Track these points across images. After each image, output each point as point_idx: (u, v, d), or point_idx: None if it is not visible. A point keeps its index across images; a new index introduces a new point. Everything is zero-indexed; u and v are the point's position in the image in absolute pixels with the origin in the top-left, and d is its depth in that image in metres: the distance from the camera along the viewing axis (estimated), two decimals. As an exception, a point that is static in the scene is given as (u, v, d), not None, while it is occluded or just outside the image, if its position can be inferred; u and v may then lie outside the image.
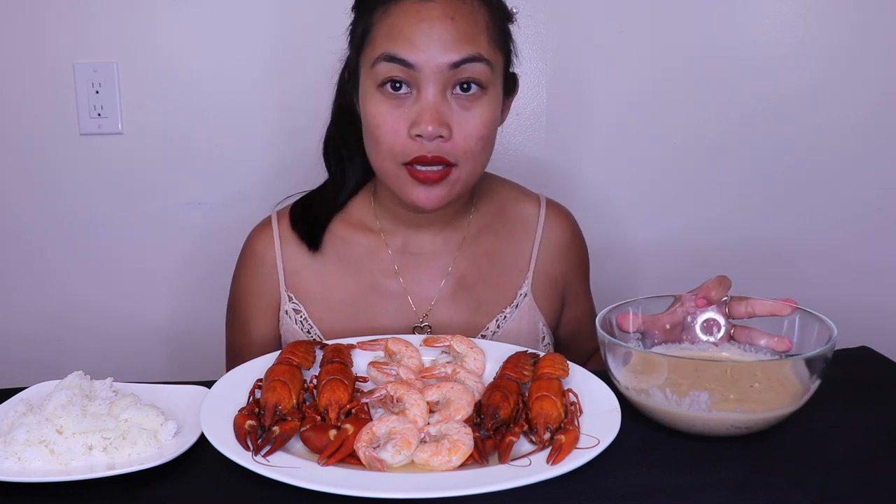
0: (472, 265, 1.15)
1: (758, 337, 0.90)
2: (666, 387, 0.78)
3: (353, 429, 0.76)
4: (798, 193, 1.63)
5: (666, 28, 1.56)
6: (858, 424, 0.83)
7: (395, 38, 0.97)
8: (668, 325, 0.93)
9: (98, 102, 1.57)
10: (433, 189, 1.00)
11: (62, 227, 1.63)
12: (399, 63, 0.96)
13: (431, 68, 0.96)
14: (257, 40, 1.56)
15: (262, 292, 1.15)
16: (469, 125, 0.99)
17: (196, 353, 1.66)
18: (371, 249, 1.14)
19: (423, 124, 0.96)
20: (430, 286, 1.13)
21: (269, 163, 1.61)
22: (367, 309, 1.12)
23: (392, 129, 0.98)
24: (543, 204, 1.20)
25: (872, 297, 1.64)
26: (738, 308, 0.91)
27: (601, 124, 1.61)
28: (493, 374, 0.91)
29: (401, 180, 1.01)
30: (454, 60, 0.96)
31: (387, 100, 0.98)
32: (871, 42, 1.56)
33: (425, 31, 0.96)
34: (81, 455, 0.76)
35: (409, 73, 0.97)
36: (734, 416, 0.77)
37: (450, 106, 0.98)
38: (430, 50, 0.96)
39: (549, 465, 0.72)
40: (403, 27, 0.96)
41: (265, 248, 1.15)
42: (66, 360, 1.64)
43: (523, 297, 1.15)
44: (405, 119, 0.98)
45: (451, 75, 0.97)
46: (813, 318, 0.87)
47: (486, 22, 0.99)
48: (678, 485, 0.73)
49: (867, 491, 0.72)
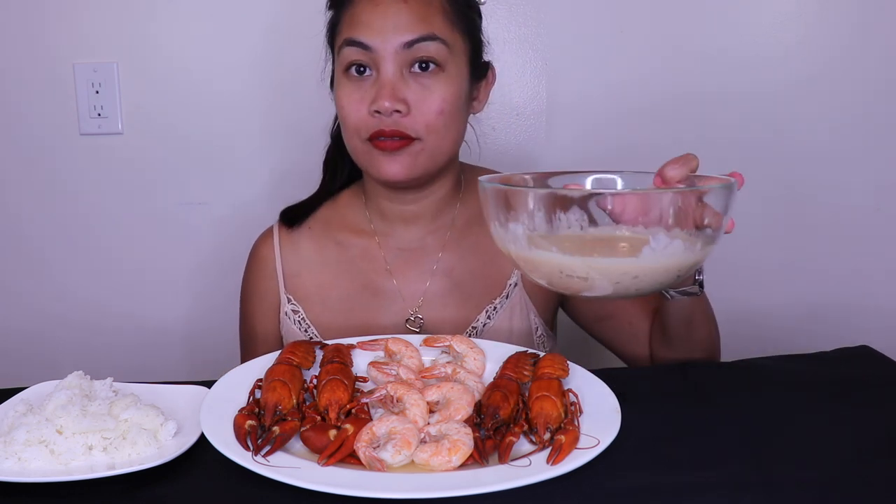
0: (461, 258, 1.17)
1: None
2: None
3: (353, 429, 0.76)
4: (797, 193, 1.62)
5: (666, 28, 1.56)
6: (858, 424, 0.83)
7: (356, 24, 1.04)
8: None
9: (98, 102, 1.57)
10: (396, 158, 1.05)
11: (62, 227, 1.63)
12: (358, 46, 1.04)
13: (387, 48, 1.03)
14: (258, 40, 1.56)
15: (264, 295, 1.21)
16: (428, 101, 1.04)
17: (196, 353, 1.66)
18: (365, 250, 1.18)
19: (379, 100, 1.02)
20: (420, 281, 1.16)
21: (269, 162, 1.62)
22: (361, 306, 1.16)
23: (356, 109, 1.05)
24: None
25: (872, 297, 1.64)
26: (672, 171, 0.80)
27: (601, 124, 1.61)
28: (493, 374, 0.91)
29: (368, 155, 1.07)
30: (408, 40, 1.03)
31: (351, 82, 1.06)
32: (870, 41, 1.56)
33: (380, 15, 1.03)
34: (81, 455, 0.76)
35: (368, 56, 1.04)
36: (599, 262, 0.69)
37: (408, 83, 1.04)
38: (386, 32, 1.03)
39: (549, 465, 0.72)
40: (362, 14, 1.04)
41: (266, 252, 1.21)
42: (66, 360, 1.64)
43: (513, 286, 1.16)
44: (367, 99, 1.04)
45: (407, 54, 1.03)
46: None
47: (441, 4, 1.06)
48: (678, 485, 0.72)
49: (867, 491, 0.72)
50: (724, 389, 0.90)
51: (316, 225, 1.21)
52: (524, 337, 1.15)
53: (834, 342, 1.05)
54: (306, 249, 1.20)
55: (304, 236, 1.20)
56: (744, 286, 1.59)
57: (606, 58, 1.58)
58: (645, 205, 0.70)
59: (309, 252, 1.19)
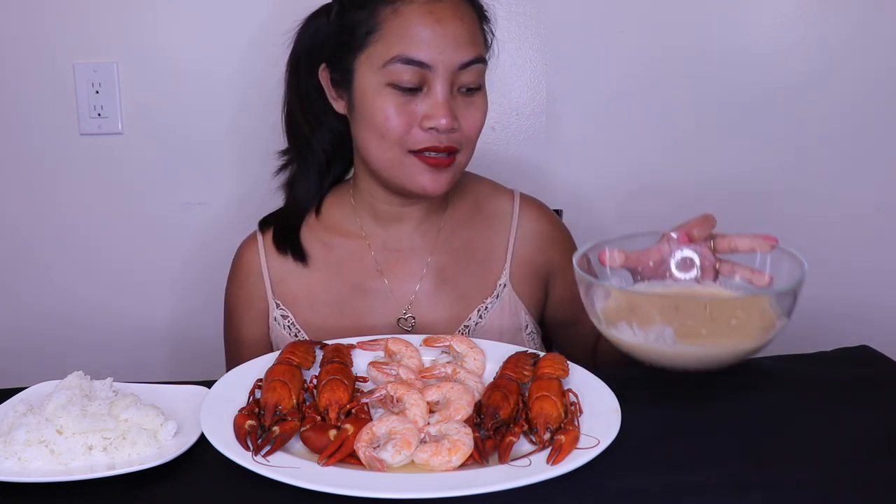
0: (451, 258, 1.17)
1: (740, 271, 0.89)
2: (633, 320, 0.78)
3: (353, 429, 0.76)
4: (797, 192, 1.62)
5: (666, 28, 1.56)
6: (858, 424, 0.83)
7: (410, 38, 1.01)
8: (653, 262, 0.92)
9: (98, 102, 1.57)
10: (442, 174, 1.05)
11: (62, 227, 1.63)
12: (415, 65, 1.01)
13: (445, 67, 1.01)
14: (258, 40, 1.56)
15: (250, 302, 1.20)
16: (472, 117, 1.06)
17: (197, 353, 1.66)
18: (353, 251, 1.18)
19: (437, 118, 1.01)
20: (411, 281, 1.16)
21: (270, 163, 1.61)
22: (352, 308, 1.16)
23: (404, 122, 1.03)
24: (517, 198, 1.22)
25: (872, 297, 1.64)
26: (722, 243, 0.91)
27: (601, 124, 1.61)
28: (493, 374, 0.91)
29: (408, 168, 1.05)
30: (464, 61, 1.02)
31: (397, 96, 1.02)
32: (870, 41, 1.56)
33: (440, 32, 1.01)
34: (81, 455, 0.76)
35: (421, 73, 1.01)
36: (699, 351, 0.76)
37: (456, 100, 1.04)
38: (446, 50, 1.01)
39: (549, 465, 0.72)
40: (418, 28, 1.01)
41: (251, 260, 1.20)
42: (66, 361, 1.64)
43: (503, 287, 1.17)
44: (416, 113, 1.02)
45: (458, 75, 1.03)
46: (785, 255, 0.86)
47: (480, 24, 1.07)
48: (678, 485, 0.72)
49: (867, 491, 0.72)
50: (724, 389, 0.89)
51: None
52: (515, 334, 1.16)
53: (834, 342, 1.05)
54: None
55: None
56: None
57: (606, 58, 1.58)
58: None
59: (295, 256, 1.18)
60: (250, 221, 1.23)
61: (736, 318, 0.78)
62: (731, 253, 0.91)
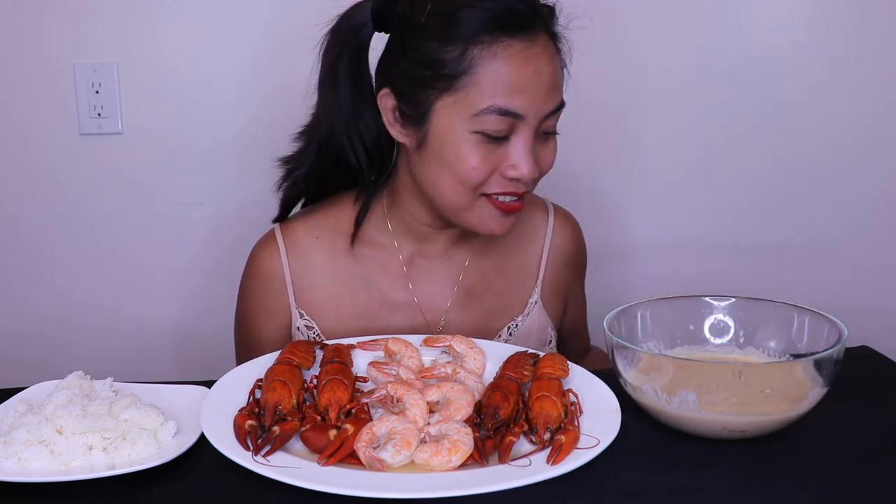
0: (482, 275, 1.15)
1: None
2: (656, 385, 0.78)
3: (353, 429, 0.76)
4: (798, 195, 1.62)
5: (669, 31, 1.56)
6: (858, 424, 0.83)
7: (507, 88, 0.94)
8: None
9: (98, 102, 1.57)
10: (511, 217, 1.01)
11: (62, 227, 1.63)
12: (510, 116, 0.94)
13: (536, 116, 0.96)
14: (258, 40, 1.56)
15: (271, 309, 1.13)
16: (547, 161, 1.01)
17: (197, 353, 1.66)
18: (382, 263, 1.13)
19: (522, 169, 0.96)
20: (440, 297, 1.13)
21: (270, 163, 1.61)
22: (380, 322, 1.11)
23: (487, 171, 0.97)
24: (551, 211, 1.20)
25: (872, 297, 1.64)
26: None
27: (603, 126, 1.60)
28: (493, 374, 0.91)
29: (479, 211, 1.00)
30: (552, 109, 0.98)
31: (484, 143, 0.96)
32: (871, 45, 1.56)
33: (535, 82, 0.95)
34: (81, 455, 0.76)
35: (513, 122, 0.95)
36: (724, 419, 0.77)
37: (535, 145, 0.98)
38: (538, 100, 0.95)
39: (549, 465, 0.72)
40: (514, 75, 0.94)
41: (272, 264, 1.12)
42: (66, 361, 1.64)
43: (534, 304, 1.16)
44: (499, 160, 0.97)
45: (543, 121, 0.98)
46: (822, 320, 0.86)
47: (562, 68, 1.02)
48: (678, 485, 0.73)
49: (867, 491, 0.72)
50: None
51: (323, 234, 1.13)
52: (540, 347, 1.15)
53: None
54: (317, 262, 1.12)
55: (314, 247, 1.12)
56: (744, 286, 1.59)
57: (606, 58, 1.57)
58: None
59: (320, 264, 1.12)
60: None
61: (769, 388, 0.77)
62: None
